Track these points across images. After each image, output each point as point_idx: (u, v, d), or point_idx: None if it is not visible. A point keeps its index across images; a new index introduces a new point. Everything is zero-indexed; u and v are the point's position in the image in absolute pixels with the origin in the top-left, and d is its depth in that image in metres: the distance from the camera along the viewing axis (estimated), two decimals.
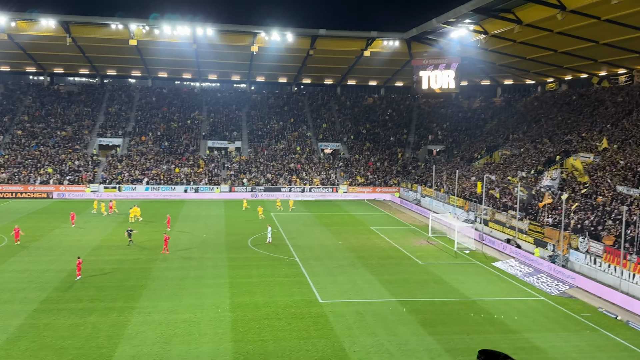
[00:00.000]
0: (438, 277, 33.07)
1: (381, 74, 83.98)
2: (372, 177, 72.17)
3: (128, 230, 39.99)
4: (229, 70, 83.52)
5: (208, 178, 68.19)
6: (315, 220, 52.21)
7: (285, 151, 75.50)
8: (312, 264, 35.39)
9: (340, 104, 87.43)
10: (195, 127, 78.61)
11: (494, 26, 53.13)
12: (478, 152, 68.35)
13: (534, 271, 34.99)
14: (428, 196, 61.54)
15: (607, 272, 31.94)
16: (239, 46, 68.94)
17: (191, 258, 36.20)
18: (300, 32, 65.69)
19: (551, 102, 70.21)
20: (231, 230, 45.92)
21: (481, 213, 47.43)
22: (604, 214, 36.28)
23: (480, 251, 40.79)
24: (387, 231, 47.49)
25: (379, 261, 36.71)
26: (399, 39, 67.09)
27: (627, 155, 43.83)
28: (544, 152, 55.23)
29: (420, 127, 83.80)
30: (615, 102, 57.41)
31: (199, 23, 62.84)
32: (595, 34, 48.05)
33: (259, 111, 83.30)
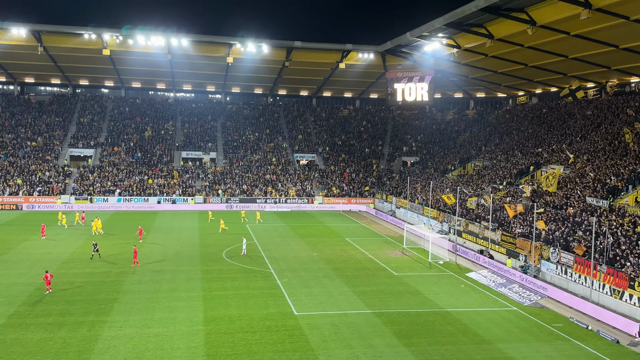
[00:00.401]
0: (413, 288, 33.22)
1: (356, 85, 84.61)
2: (347, 188, 72.40)
3: (94, 243, 39.12)
4: (204, 81, 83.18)
5: (182, 189, 67.54)
6: (291, 232, 52.06)
7: (260, 162, 75.30)
8: (287, 275, 35.22)
9: (315, 116, 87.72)
10: (169, 137, 77.90)
11: (466, 40, 54.06)
12: (451, 164, 69.18)
13: (507, 282, 35.42)
14: (403, 207, 61.96)
15: (578, 282, 32.51)
16: (214, 57, 68.72)
17: (164, 271, 35.68)
18: (275, 43, 65.83)
19: (522, 115, 71.60)
20: (205, 242, 45.47)
21: (455, 224, 47.92)
22: (574, 225, 36.99)
23: (454, 262, 41.15)
24: (362, 242, 47.60)
25: (354, 272, 36.73)
26: (374, 51, 67.76)
27: (596, 168, 44.84)
28: (516, 164, 56.17)
29: (394, 138, 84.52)
30: (584, 115, 58.80)
31: (174, 33, 62.49)
32: (565, 48, 49.28)
33: (234, 122, 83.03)
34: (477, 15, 45.83)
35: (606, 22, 39.92)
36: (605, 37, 43.96)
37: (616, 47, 45.24)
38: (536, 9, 41.99)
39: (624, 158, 44.01)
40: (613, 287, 29.68)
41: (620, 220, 35.21)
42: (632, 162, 42.51)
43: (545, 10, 41.63)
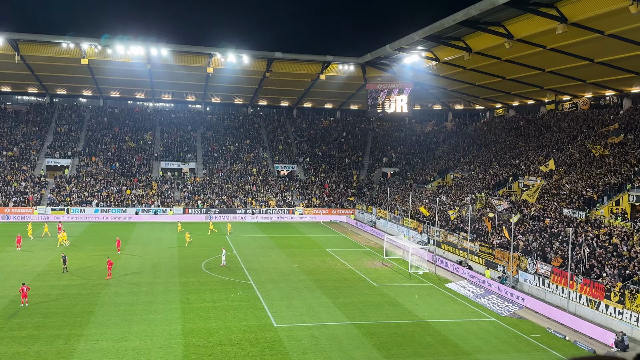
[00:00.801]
0: (392, 299, 33.27)
1: (337, 97, 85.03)
2: (327, 199, 72.46)
3: (63, 256, 37.92)
4: (183, 91, 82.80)
5: (161, 200, 66.90)
6: (271, 243, 51.85)
7: (241, 173, 75.02)
8: (267, 287, 35.02)
9: (296, 126, 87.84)
10: (148, 147, 77.23)
11: (445, 53, 54.78)
12: (431, 175, 69.73)
13: (485, 292, 35.69)
14: (383, 218, 62.18)
15: (555, 293, 32.90)
16: (195, 67, 68.54)
17: (141, 283, 35.21)
18: (256, 54, 65.94)
19: (500, 127, 72.60)
20: (184, 254, 45.02)
21: (434, 235, 48.22)
22: (552, 236, 37.49)
23: (433, 272, 41.35)
24: (342, 253, 47.60)
25: (334, 283, 36.68)
26: (354, 63, 68.23)
27: (573, 180, 45.59)
28: (494, 175, 56.85)
29: (375, 149, 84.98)
30: (560, 127, 59.85)
31: (154, 43, 62.21)
32: (541, 62, 50.21)
33: (214, 132, 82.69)
34: (456, 28, 46.52)
35: (581, 36, 40.80)
36: (581, 51, 44.91)
37: (591, 61, 46.24)
38: (513, 23, 42.78)
39: (599, 170, 44.82)
40: (589, 298, 30.09)
41: (596, 231, 35.80)
42: (607, 174, 43.32)
43: (522, 25, 42.43)
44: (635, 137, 47.23)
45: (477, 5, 40.01)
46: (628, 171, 41.92)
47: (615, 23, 37.40)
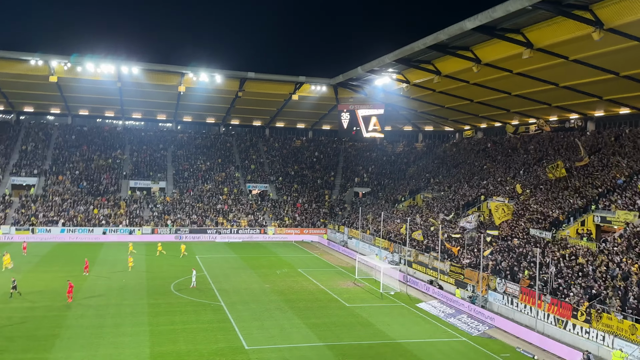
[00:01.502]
0: (364, 320, 33.27)
1: (309, 117, 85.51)
2: (300, 218, 72.35)
3: (13, 280, 35.80)
4: (154, 109, 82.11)
5: (129, 219, 65.80)
6: (242, 263, 51.40)
7: (212, 192, 74.44)
8: (238, 308, 34.64)
9: (268, 146, 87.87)
10: (116, 166, 76.12)
11: (415, 76, 55.76)
12: (402, 195, 70.40)
13: (456, 312, 35.99)
14: (354, 238, 62.36)
15: (524, 312, 33.39)
16: (166, 85, 68.11)
17: (108, 305, 34.45)
18: (229, 74, 65.94)
19: (468, 148, 74.00)
20: (153, 275, 44.25)
21: (405, 254, 48.54)
22: (520, 256, 38.15)
23: (404, 292, 41.54)
24: (314, 273, 47.47)
25: (306, 304, 36.51)
26: (326, 84, 68.87)
27: (539, 201, 46.64)
28: (463, 195, 57.74)
29: (346, 169, 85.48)
30: (527, 149, 61.31)
31: (125, 61, 61.69)
32: (508, 85, 51.52)
33: (185, 151, 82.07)
34: (426, 52, 47.47)
35: (547, 61, 42.06)
36: (546, 76, 46.26)
37: (556, 85, 47.63)
38: (481, 47, 43.89)
39: (564, 191, 45.98)
40: (557, 317, 30.62)
41: (562, 251, 36.59)
42: (572, 195, 44.47)
43: (489, 49, 43.55)
44: (599, 160, 48.68)
45: (446, 30, 40.97)
46: (593, 193, 43.11)
47: (579, 49, 38.72)
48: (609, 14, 32.24)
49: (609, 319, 27.38)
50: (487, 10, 35.99)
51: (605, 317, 27.58)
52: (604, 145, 51.62)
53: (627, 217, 37.52)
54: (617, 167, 45.30)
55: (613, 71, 41.42)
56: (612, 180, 43.44)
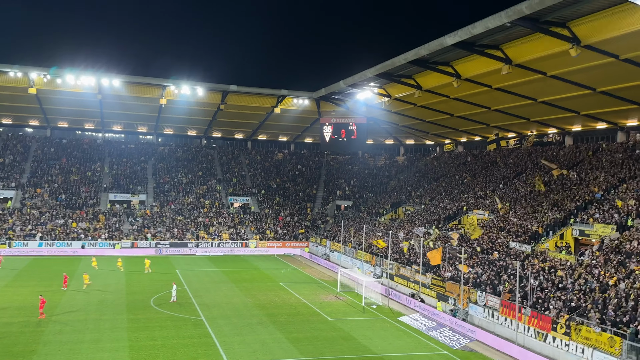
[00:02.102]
0: (346, 334, 33.17)
1: (291, 130, 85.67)
2: (282, 231, 72.14)
3: None
4: (135, 122, 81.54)
5: (108, 233, 64.94)
6: (223, 277, 50.99)
7: (193, 205, 73.91)
8: (219, 323, 34.31)
9: (250, 158, 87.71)
10: (96, 179, 75.26)
11: (396, 90, 56.31)
12: (383, 208, 70.67)
13: (437, 325, 36.08)
14: (337, 251, 62.33)
15: (504, 325, 33.61)
16: (147, 98, 67.70)
17: (87, 320, 33.86)
18: (211, 86, 65.86)
19: (449, 162, 74.71)
20: (132, 289, 43.65)
21: (387, 268, 48.63)
22: (500, 269, 38.48)
23: (386, 306, 41.55)
24: (296, 287, 47.26)
25: (288, 318, 36.31)
26: (309, 97, 69.15)
27: (519, 214, 47.18)
28: (444, 209, 58.16)
29: (328, 182, 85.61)
30: (506, 163, 62.10)
31: (105, 74, 61.25)
32: (488, 100, 52.29)
33: (166, 164, 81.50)
34: (407, 67, 48.00)
35: (525, 77, 42.82)
36: (525, 91, 47.07)
37: (534, 100, 48.47)
38: (461, 63, 44.55)
39: (543, 204, 46.59)
40: (537, 330, 30.88)
41: (542, 264, 37.00)
42: (550, 208, 45.09)
43: (469, 65, 44.22)
44: (577, 174, 49.49)
45: (427, 46, 41.53)
46: (571, 206, 43.75)
47: (557, 65, 39.52)
48: (585, 31, 33.01)
49: (588, 331, 27.69)
50: (467, 26, 36.61)
51: (585, 329, 27.90)
52: (582, 160, 52.53)
53: (605, 230, 38.14)
54: (595, 181, 46.09)
55: (590, 87, 42.33)
56: (590, 194, 44.16)
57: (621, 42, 33.01)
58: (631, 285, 29.81)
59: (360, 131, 71.55)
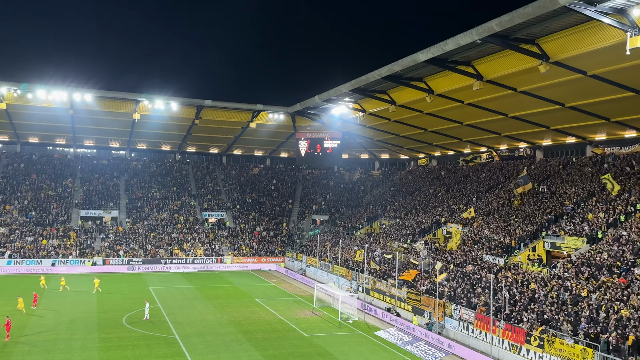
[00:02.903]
0: (323, 349, 32.96)
1: (267, 144, 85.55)
2: (257, 247, 71.66)
3: None
4: (107, 137, 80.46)
5: (79, 250, 63.65)
6: (198, 294, 50.32)
7: (167, 221, 72.99)
8: (193, 341, 33.77)
9: (225, 173, 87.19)
10: (67, 195, 73.87)
11: (371, 105, 56.79)
12: (359, 222, 70.83)
13: (413, 339, 36.12)
14: (313, 265, 62.12)
15: (479, 338, 33.81)
16: (120, 113, 66.83)
17: (57, 340, 33.01)
18: (185, 101, 65.39)
19: (423, 176, 75.43)
20: (104, 308, 42.75)
21: (363, 282, 48.61)
22: (474, 282, 38.79)
23: (363, 320, 41.47)
24: (272, 303, 46.88)
25: (263, 335, 35.94)
26: (284, 112, 69.19)
27: (492, 227, 47.76)
28: (419, 222, 58.55)
29: (304, 197, 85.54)
30: (479, 177, 62.96)
31: (77, 88, 60.35)
32: (460, 115, 53.06)
33: (139, 179, 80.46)
34: (381, 82, 48.49)
35: (496, 92, 43.60)
36: (496, 106, 47.92)
37: (505, 115, 49.35)
38: (433, 79, 45.20)
39: (516, 218, 47.27)
40: (511, 343, 31.14)
41: (515, 277, 37.43)
42: (522, 221, 45.77)
43: (441, 81, 44.88)
44: (547, 187, 50.40)
45: (400, 62, 42.04)
46: (542, 219, 44.48)
47: (527, 81, 40.36)
48: (554, 48, 33.84)
49: (561, 343, 28.03)
50: (439, 43, 37.19)
51: (558, 341, 28.23)
52: (552, 174, 53.55)
53: (576, 242, 38.84)
54: (566, 194, 46.98)
55: (559, 102, 43.30)
56: (560, 207, 44.98)
57: (589, 58, 33.92)
58: (602, 297, 30.34)
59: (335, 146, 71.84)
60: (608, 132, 50.10)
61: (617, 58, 32.02)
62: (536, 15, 29.77)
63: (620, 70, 34.34)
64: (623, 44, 27.99)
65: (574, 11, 28.01)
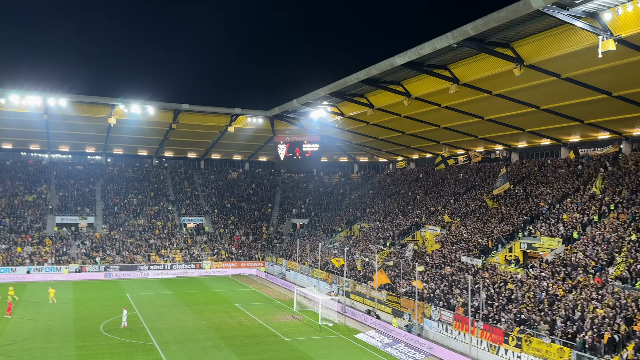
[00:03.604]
0: (303, 354, 32.89)
1: (245, 149, 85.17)
2: (236, 252, 71.25)
3: None
4: (83, 142, 79.24)
5: (55, 257, 62.55)
6: (176, 300, 49.83)
7: (144, 227, 72.15)
8: (172, 348, 33.42)
9: (204, 178, 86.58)
10: (42, 202, 72.59)
11: (349, 108, 56.97)
12: (339, 225, 70.92)
13: (393, 341, 36.26)
14: (293, 269, 61.98)
15: (458, 339, 34.08)
16: (95, 117, 65.85)
17: (33, 349, 32.40)
18: (162, 105, 64.71)
19: (402, 178, 75.88)
20: (81, 315, 42.07)
21: (343, 285, 48.66)
22: (453, 283, 39.12)
23: (343, 323, 41.50)
24: (252, 307, 46.67)
25: (243, 340, 35.74)
26: (262, 116, 69.00)
27: (469, 229, 48.24)
28: (398, 225, 58.86)
29: (284, 201, 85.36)
30: (456, 179, 63.57)
31: (51, 93, 59.35)
32: (437, 119, 53.51)
33: (115, 185, 79.42)
34: (359, 86, 48.70)
35: (472, 96, 44.08)
36: (472, 109, 48.44)
37: (481, 118, 49.92)
38: (411, 82, 45.53)
39: (492, 219, 47.83)
40: (490, 343, 31.45)
41: (492, 278, 37.84)
42: (499, 223, 46.33)
43: (418, 84, 45.23)
44: (523, 189, 51.10)
45: (377, 66, 42.26)
46: (519, 220, 45.07)
47: (502, 84, 40.88)
48: (528, 51, 34.37)
49: (539, 343, 28.40)
50: (416, 47, 37.48)
51: (535, 341, 28.60)
52: (528, 175, 54.32)
53: (552, 243, 39.44)
54: (541, 195, 47.69)
55: (534, 105, 43.93)
56: (536, 208, 45.63)
57: (562, 61, 34.50)
58: (578, 296, 30.84)
59: (314, 149, 71.99)
60: (582, 134, 50.98)
61: (590, 61, 32.61)
62: (510, 19, 30.21)
63: (593, 73, 35.00)
64: (595, 47, 28.53)
65: (547, 15, 28.49)
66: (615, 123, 45.39)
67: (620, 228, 35.86)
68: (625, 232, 35.07)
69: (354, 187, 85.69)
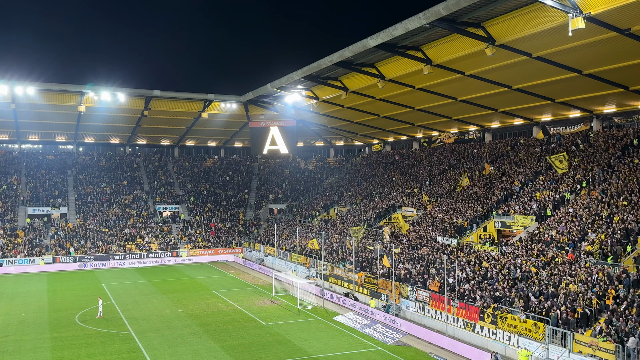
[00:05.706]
0: (282, 337, 32.93)
1: (220, 135, 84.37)
2: (213, 239, 70.83)
3: None
4: (53, 131, 77.55)
5: (28, 249, 61.37)
6: (153, 289, 49.38)
7: (118, 216, 71.16)
8: (149, 336, 33.12)
9: (179, 165, 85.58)
10: (12, 193, 70.99)
11: (324, 92, 56.66)
12: (316, 210, 70.95)
13: (371, 322, 36.54)
14: (271, 255, 61.91)
15: (435, 317, 34.48)
16: (65, 106, 64.38)
17: (6, 341, 31.80)
18: (132, 92, 63.51)
19: (377, 161, 76.10)
20: (56, 306, 41.41)
21: (321, 269, 48.79)
22: (429, 263, 39.48)
23: (321, 306, 41.65)
24: (230, 294, 46.50)
25: (222, 326, 35.61)
26: (236, 101, 68.27)
27: (444, 209, 48.66)
28: (375, 208, 59.11)
29: (261, 187, 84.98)
30: (431, 161, 63.97)
31: (19, 82, 57.75)
32: (411, 100, 53.60)
33: (87, 174, 78.02)
34: (332, 69, 48.39)
35: (445, 77, 44.18)
36: (445, 90, 48.62)
37: (455, 99, 50.15)
38: (384, 64, 45.39)
39: (467, 199, 48.29)
40: (466, 321, 31.89)
41: (468, 257, 38.28)
42: (474, 203, 46.81)
43: (392, 66, 45.12)
44: (497, 169, 51.66)
45: (351, 48, 42.00)
46: (492, 200, 45.59)
47: (474, 64, 41.03)
48: (499, 30, 34.46)
49: (513, 319, 28.87)
50: (388, 28, 37.28)
51: (510, 317, 29.07)
52: (501, 155, 54.90)
53: (525, 221, 40.01)
54: (514, 174, 48.27)
55: (506, 85, 44.26)
56: (509, 187, 46.19)
57: (533, 40, 34.70)
58: (551, 273, 31.38)
59: (290, 134, 71.67)
60: (553, 113, 51.62)
61: (560, 39, 32.89)
62: None
63: (563, 51, 35.31)
64: (565, 25, 28.65)
65: None
66: (586, 101, 46.04)
67: (592, 204, 36.51)
68: (597, 209, 35.72)
69: (330, 171, 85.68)
